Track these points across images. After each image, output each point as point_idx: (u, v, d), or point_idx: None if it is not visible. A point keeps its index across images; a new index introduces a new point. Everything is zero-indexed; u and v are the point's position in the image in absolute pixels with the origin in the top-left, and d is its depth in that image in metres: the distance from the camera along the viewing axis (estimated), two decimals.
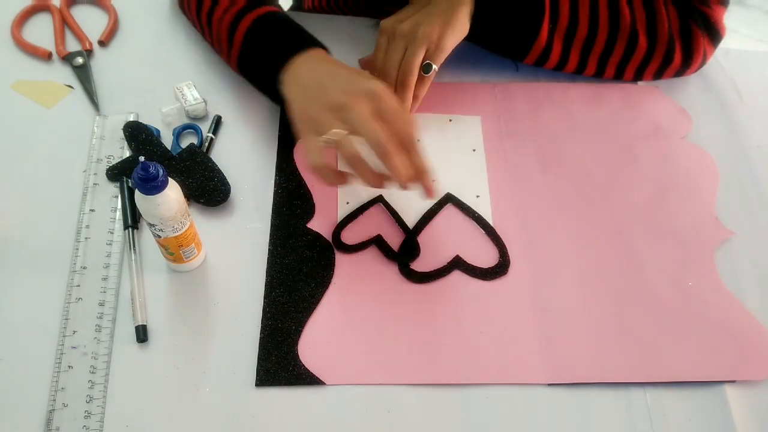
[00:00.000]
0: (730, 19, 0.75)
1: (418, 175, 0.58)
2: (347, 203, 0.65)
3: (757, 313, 0.61)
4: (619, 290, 0.61)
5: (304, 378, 0.55)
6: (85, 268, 0.59)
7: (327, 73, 0.61)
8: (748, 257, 0.65)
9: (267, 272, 0.60)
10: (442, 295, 0.60)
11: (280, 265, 0.60)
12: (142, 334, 0.56)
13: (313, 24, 0.69)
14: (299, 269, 0.60)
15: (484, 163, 0.69)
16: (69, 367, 0.54)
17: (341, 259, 0.61)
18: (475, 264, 0.62)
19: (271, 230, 0.63)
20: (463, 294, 0.60)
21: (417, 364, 0.56)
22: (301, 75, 0.62)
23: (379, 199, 0.65)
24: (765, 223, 0.67)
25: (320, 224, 0.63)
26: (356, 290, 0.60)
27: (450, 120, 0.72)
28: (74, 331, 0.56)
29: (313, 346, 0.56)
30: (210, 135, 0.68)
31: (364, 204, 0.65)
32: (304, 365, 0.55)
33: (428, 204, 0.65)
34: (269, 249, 0.61)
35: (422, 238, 0.63)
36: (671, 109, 0.76)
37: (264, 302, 0.58)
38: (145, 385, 0.54)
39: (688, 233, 0.65)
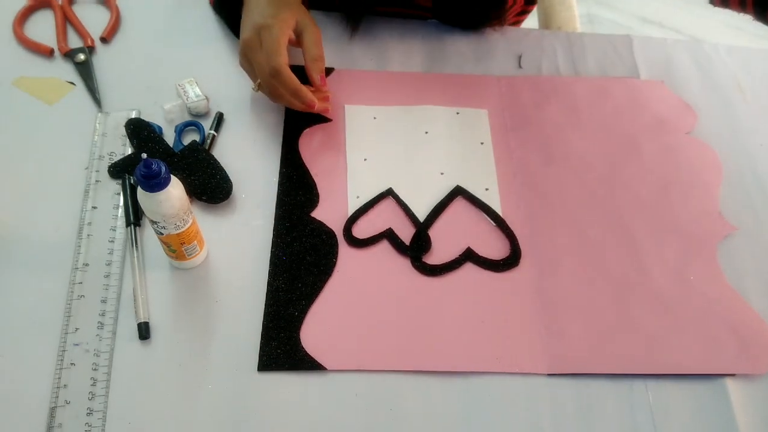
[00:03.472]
0: (735, 17, 0.75)
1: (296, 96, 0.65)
2: (357, 197, 0.65)
3: (758, 308, 0.61)
4: (621, 283, 0.62)
5: (306, 363, 0.55)
6: (87, 265, 0.59)
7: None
8: (750, 253, 0.65)
9: (270, 260, 0.60)
10: (448, 285, 0.60)
11: (283, 253, 0.61)
12: (144, 331, 0.56)
13: None
14: (303, 257, 0.61)
15: (492, 156, 0.69)
16: (71, 364, 0.54)
17: (344, 248, 0.62)
18: (486, 256, 0.62)
19: (275, 219, 0.63)
20: (474, 286, 0.60)
21: (418, 352, 0.57)
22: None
23: (389, 193, 0.65)
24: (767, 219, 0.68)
25: (324, 213, 0.64)
26: (359, 278, 0.60)
27: (457, 113, 0.72)
28: (76, 328, 0.56)
29: (315, 332, 0.57)
30: (212, 132, 0.68)
31: (374, 198, 0.65)
32: (305, 351, 0.56)
33: (439, 197, 0.65)
34: (273, 237, 0.62)
35: (433, 231, 0.63)
36: (676, 104, 0.76)
37: (267, 289, 0.59)
38: (148, 382, 0.54)
39: (691, 227, 0.66)
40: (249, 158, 0.67)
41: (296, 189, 0.65)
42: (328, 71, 0.74)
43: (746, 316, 0.60)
